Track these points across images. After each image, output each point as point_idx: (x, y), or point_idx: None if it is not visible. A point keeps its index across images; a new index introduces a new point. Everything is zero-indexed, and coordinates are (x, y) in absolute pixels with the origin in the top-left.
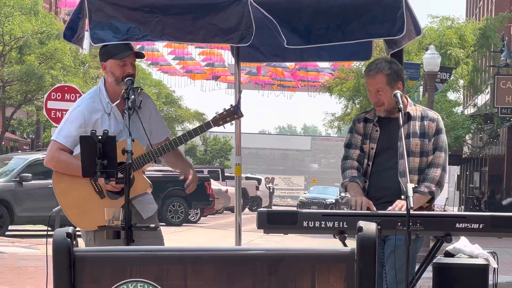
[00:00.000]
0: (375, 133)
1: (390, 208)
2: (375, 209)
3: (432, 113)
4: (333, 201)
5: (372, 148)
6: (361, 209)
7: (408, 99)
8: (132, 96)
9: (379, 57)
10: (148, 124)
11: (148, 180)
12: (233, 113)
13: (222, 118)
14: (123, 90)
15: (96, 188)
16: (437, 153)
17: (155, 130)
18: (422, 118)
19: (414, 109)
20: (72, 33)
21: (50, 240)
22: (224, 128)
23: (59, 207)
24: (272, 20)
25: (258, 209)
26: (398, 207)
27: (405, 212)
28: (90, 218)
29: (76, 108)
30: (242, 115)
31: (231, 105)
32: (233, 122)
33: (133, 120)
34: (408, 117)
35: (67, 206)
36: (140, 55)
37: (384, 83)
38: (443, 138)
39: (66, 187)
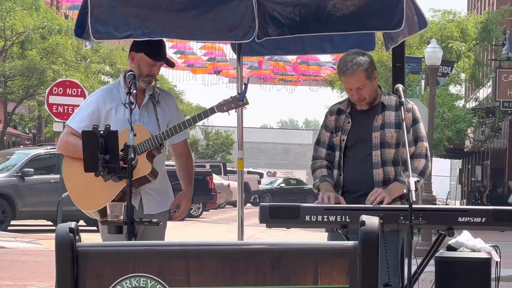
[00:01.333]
0: (347, 125)
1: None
2: (345, 203)
3: (407, 103)
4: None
5: (343, 140)
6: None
7: (382, 88)
8: (134, 91)
9: (349, 52)
10: (166, 119)
11: (153, 165)
12: (238, 100)
13: (226, 104)
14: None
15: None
16: (419, 144)
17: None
18: (397, 107)
19: (388, 99)
20: (82, 30)
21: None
22: (229, 114)
23: (67, 192)
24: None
25: (260, 203)
26: (371, 200)
27: (407, 206)
28: (92, 200)
29: (91, 96)
30: (247, 103)
31: (238, 92)
32: (237, 110)
33: (150, 113)
34: (383, 107)
35: (72, 190)
36: (171, 64)
37: (364, 78)
38: (421, 126)
39: (74, 172)
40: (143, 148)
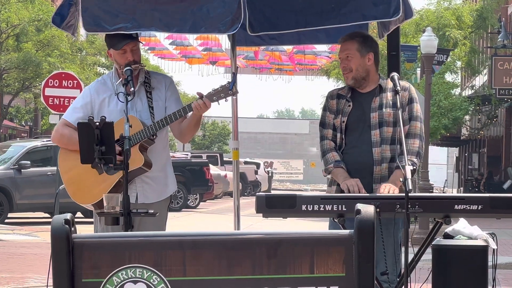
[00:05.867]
0: (347, 108)
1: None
2: (364, 190)
3: (404, 82)
4: None
5: (343, 122)
6: (358, 191)
7: (380, 74)
8: (132, 89)
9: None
10: (163, 102)
11: (146, 157)
12: (228, 89)
13: (216, 94)
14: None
15: None
16: (413, 123)
17: (170, 110)
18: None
19: (386, 82)
20: (61, 19)
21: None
22: (219, 104)
23: (63, 185)
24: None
25: (257, 193)
26: (385, 192)
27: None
28: (86, 193)
29: (85, 89)
30: (237, 92)
31: (228, 81)
32: (228, 99)
33: (142, 101)
34: (380, 90)
35: (68, 182)
36: (135, 39)
37: (354, 49)
38: (417, 107)
39: (69, 165)
40: (135, 140)
